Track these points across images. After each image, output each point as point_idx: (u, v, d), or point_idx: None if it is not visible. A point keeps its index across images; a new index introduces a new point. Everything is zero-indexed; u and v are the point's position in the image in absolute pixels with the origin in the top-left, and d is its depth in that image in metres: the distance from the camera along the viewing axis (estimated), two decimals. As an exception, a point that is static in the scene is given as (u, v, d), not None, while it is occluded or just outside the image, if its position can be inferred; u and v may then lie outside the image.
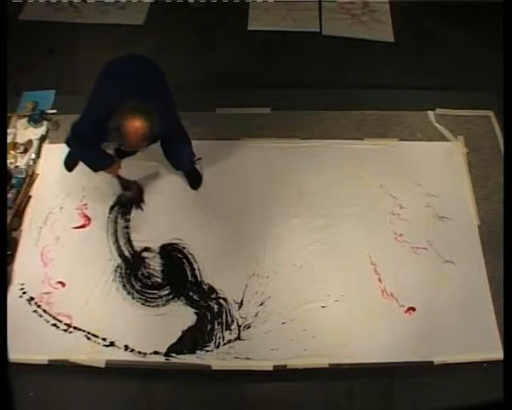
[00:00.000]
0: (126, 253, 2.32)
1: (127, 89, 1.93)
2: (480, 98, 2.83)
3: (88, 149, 2.12)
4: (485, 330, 2.11)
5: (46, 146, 2.66)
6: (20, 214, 2.42)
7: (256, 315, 2.15)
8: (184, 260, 2.30)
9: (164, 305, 2.19)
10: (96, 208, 2.44)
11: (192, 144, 2.30)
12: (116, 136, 1.92)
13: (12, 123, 2.69)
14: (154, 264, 2.29)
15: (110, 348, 2.08)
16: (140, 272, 2.27)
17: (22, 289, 2.22)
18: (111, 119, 1.87)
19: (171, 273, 2.27)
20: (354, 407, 2.00)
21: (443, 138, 2.69)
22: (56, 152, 2.63)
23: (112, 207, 2.44)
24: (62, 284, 2.23)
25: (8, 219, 2.35)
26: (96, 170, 2.24)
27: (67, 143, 2.16)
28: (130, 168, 2.43)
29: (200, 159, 2.50)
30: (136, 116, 1.83)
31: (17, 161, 2.57)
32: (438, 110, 2.79)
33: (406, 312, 2.16)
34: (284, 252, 2.31)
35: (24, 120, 2.71)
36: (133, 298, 2.20)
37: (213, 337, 2.11)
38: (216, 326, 2.13)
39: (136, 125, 1.83)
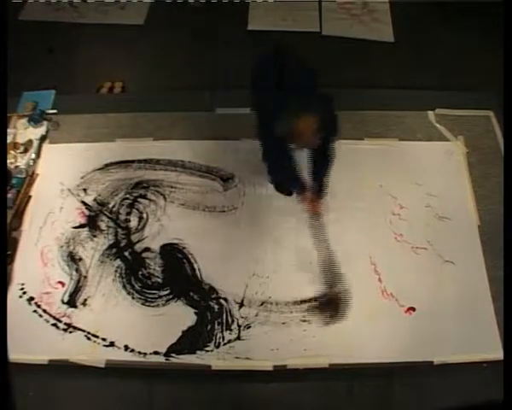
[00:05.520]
0: (126, 253, 2.32)
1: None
2: (480, 98, 2.82)
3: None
4: (485, 330, 2.10)
5: (46, 146, 2.67)
6: (20, 214, 2.42)
7: (256, 315, 2.15)
8: (184, 260, 2.29)
9: (164, 305, 2.18)
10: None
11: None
12: (288, 139, 1.89)
13: (12, 123, 2.69)
14: (155, 264, 2.29)
15: (110, 348, 2.08)
16: (140, 273, 2.27)
17: (22, 289, 2.22)
18: (278, 124, 1.84)
19: (171, 273, 2.27)
20: (354, 407, 2.00)
21: (443, 138, 2.69)
22: (56, 152, 2.64)
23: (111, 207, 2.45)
24: (62, 283, 2.24)
25: (8, 219, 2.35)
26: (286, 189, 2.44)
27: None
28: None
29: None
30: (302, 113, 1.81)
31: (17, 161, 2.56)
32: (438, 110, 2.78)
33: (406, 312, 2.16)
34: (284, 252, 2.31)
35: (24, 120, 2.71)
36: (133, 298, 2.20)
37: (213, 337, 2.10)
38: (216, 326, 2.13)
39: (306, 121, 1.81)
